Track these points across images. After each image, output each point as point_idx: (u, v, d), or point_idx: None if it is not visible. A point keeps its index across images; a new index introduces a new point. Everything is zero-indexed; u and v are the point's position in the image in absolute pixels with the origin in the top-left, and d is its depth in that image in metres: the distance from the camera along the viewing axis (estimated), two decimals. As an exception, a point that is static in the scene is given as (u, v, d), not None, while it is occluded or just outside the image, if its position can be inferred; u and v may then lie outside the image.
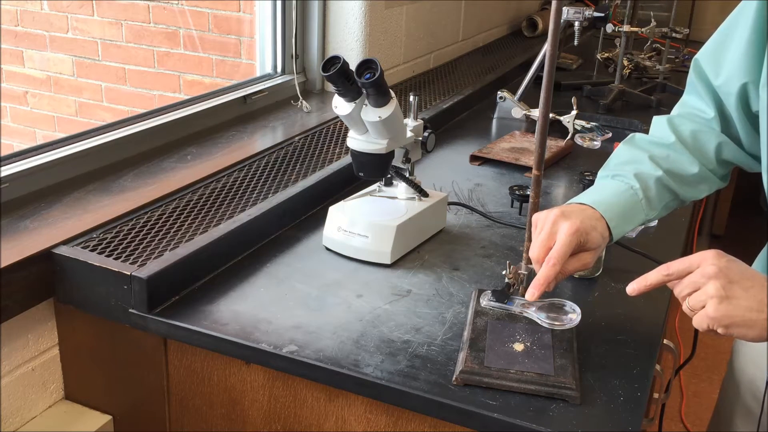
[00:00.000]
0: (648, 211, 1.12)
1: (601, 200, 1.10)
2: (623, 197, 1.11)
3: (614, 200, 1.10)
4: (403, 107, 1.28)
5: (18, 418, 1.16)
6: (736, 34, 1.10)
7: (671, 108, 1.27)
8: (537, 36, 3.18)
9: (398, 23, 2.18)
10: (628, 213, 1.10)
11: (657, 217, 1.15)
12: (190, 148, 1.59)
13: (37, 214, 1.24)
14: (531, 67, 2.17)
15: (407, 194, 1.37)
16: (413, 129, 1.33)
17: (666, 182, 1.13)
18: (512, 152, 1.82)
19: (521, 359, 1.00)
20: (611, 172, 1.16)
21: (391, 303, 1.16)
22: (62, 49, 2.70)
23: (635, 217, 1.11)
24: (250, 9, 2.31)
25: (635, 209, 1.11)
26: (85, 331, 1.19)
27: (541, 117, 1.00)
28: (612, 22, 2.22)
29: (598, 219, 1.07)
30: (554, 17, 0.96)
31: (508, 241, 1.39)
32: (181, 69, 2.52)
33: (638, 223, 1.12)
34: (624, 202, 1.10)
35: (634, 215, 1.11)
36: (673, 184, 1.14)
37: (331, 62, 1.16)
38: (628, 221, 1.10)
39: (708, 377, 2.87)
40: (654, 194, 1.12)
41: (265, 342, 1.05)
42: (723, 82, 1.12)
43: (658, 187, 1.12)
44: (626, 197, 1.11)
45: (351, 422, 1.05)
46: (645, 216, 1.12)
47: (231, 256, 1.26)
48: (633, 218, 1.11)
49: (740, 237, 3.69)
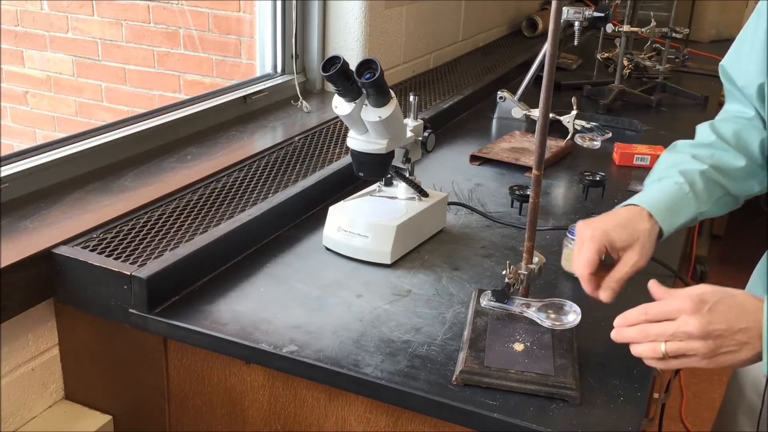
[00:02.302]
0: (699, 204, 1.11)
1: (646, 198, 1.10)
2: (669, 193, 1.11)
3: (659, 196, 1.10)
4: (403, 107, 1.28)
5: (18, 418, 1.16)
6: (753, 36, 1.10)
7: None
8: (537, 36, 3.18)
9: (398, 23, 2.18)
10: (675, 206, 1.09)
11: (714, 213, 1.14)
12: (190, 148, 1.59)
13: (37, 214, 1.24)
14: (531, 67, 2.17)
15: (407, 194, 1.37)
16: (413, 129, 1.33)
17: (713, 176, 1.12)
18: (512, 152, 1.82)
19: (521, 359, 1.00)
20: (657, 177, 1.16)
21: (391, 303, 1.16)
22: (62, 49, 2.70)
23: (685, 210, 1.10)
24: (250, 9, 2.31)
25: (684, 202, 1.10)
26: (85, 331, 1.19)
27: (541, 117, 1.00)
28: (612, 22, 2.22)
29: (632, 216, 1.06)
30: (554, 17, 0.96)
31: (508, 241, 1.39)
32: (181, 69, 2.52)
33: (691, 215, 1.11)
34: (670, 196, 1.10)
35: (683, 207, 1.10)
36: (722, 179, 1.13)
37: (331, 62, 1.16)
38: (677, 213, 1.09)
39: (708, 377, 2.87)
40: (702, 188, 1.11)
41: (265, 342, 1.05)
42: (744, 84, 1.12)
43: (705, 180, 1.12)
44: (672, 192, 1.11)
45: (351, 422, 1.05)
46: (697, 208, 1.11)
47: (231, 256, 1.26)
48: (682, 211, 1.10)
49: (740, 237, 3.69)
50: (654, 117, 2.26)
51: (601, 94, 2.36)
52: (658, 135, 2.08)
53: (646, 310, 0.92)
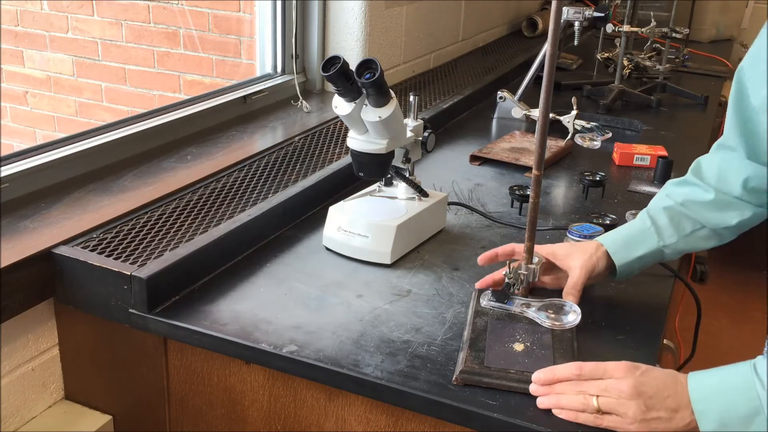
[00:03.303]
0: (661, 238, 1.16)
1: (607, 235, 1.20)
2: (630, 228, 1.19)
3: (619, 232, 1.19)
4: (403, 107, 1.28)
5: (18, 418, 1.16)
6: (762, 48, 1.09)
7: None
8: (537, 36, 3.18)
9: (398, 23, 2.18)
10: (632, 240, 1.17)
11: (693, 247, 1.18)
12: (190, 148, 1.59)
13: (37, 214, 1.24)
14: (531, 67, 2.17)
15: (407, 194, 1.37)
16: (413, 129, 1.33)
17: (681, 211, 1.17)
18: (512, 152, 1.82)
19: (521, 359, 1.00)
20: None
21: (391, 303, 1.16)
22: (62, 49, 2.70)
23: (643, 243, 1.16)
24: (250, 9, 2.31)
25: (643, 236, 1.17)
26: (85, 331, 1.19)
27: (541, 117, 1.00)
28: (612, 22, 2.22)
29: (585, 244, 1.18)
30: (554, 17, 0.96)
31: (508, 241, 1.38)
32: (181, 69, 2.52)
33: (650, 248, 1.16)
34: (628, 231, 1.19)
35: (640, 241, 1.16)
36: (692, 213, 1.16)
37: (331, 62, 1.16)
38: (632, 247, 1.16)
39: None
40: (665, 223, 1.16)
41: (265, 342, 1.05)
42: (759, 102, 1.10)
43: (671, 215, 1.16)
44: (634, 227, 1.19)
45: (351, 422, 1.05)
46: (658, 242, 1.16)
47: (231, 256, 1.26)
48: (639, 244, 1.16)
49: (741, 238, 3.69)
50: (654, 117, 2.26)
51: (601, 94, 2.36)
52: (658, 135, 2.08)
53: (579, 366, 0.94)
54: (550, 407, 0.93)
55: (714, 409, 0.88)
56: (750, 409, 0.86)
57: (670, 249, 1.16)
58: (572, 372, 0.94)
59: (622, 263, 1.16)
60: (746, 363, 0.89)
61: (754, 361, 0.88)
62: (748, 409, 0.86)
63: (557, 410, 0.93)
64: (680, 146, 1.97)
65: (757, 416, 0.86)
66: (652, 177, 1.74)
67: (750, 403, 0.86)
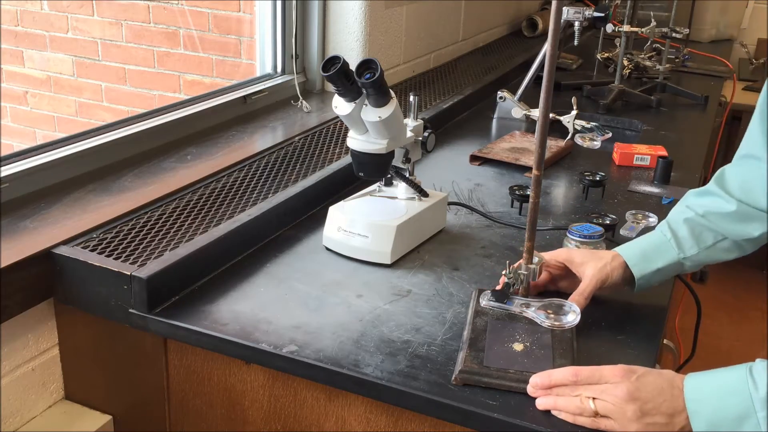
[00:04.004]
0: (681, 250, 1.15)
1: (625, 246, 1.18)
2: (649, 240, 1.18)
3: (638, 244, 1.18)
4: (403, 107, 1.28)
5: (18, 418, 1.16)
6: None
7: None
8: (537, 36, 3.18)
9: (398, 23, 2.18)
10: (651, 252, 1.16)
11: (715, 259, 1.16)
12: (190, 148, 1.59)
13: (37, 214, 1.24)
14: (531, 67, 2.17)
15: (407, 194, 1.37)
16: (413, 129, 1.33)
17: (702, 222, 1.15)
18: (512, 152, 1.82)
19: (521, 359, 1.00)
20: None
21: (391, 303, 1.16)
22: (62, 49, 2.70)
23: (662, 255, 1.15)
24: (250, 9, 2.31)
25: (662, 248, 1.16)
26: (85, 331, 1.19)
27: (541, 117, 1.00)
28: (612, 22, 2.22)
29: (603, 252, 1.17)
30: (554, 17, 0.96)
31: (508, 241, 1.39)
32: (181, 69, 2.52)
33: (670, 260, 1.15)
34: (648, 243, 1.17)
35: (660, 253, 1.15)
36: (713, 225, 1.15)
37: (331, 62, 1.16)
38: (651, 259, 1.15)
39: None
40: (686, 234, 1.15)
41: (265, 342, 1.05)
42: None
43: (691, 227, 1.15)
44: (653, 239, 1.17)
45: (351, 422, 1.05)
46: (678, 254, 1.15)
47: (231, 256, 1.26)
48: (659, 256, 1.15)
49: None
50: (654, 117, 2.26)
51: (601, 94, 2.36)
52: (658, 135, 2.08)
53: (576, 372, 0.94)
54: (548, 408, 0.94)
55: (706, 410, 0.88)
56: (741, 410, 0.86)
57: (690, 261, 1.15)
58: (569, 377, 0.94)
59: (641, 275, 1.14)
60: (743, 365, 0.89)
61: (751, 364, 0.88)
62: (739, 410, 0.86)
63: (556, 411, 0.93)
64: (680, 146, 1.97)
65: (747, 418, 0.86)
66: (652, 177, 1.74)
67: (741, 405, 0.86)
